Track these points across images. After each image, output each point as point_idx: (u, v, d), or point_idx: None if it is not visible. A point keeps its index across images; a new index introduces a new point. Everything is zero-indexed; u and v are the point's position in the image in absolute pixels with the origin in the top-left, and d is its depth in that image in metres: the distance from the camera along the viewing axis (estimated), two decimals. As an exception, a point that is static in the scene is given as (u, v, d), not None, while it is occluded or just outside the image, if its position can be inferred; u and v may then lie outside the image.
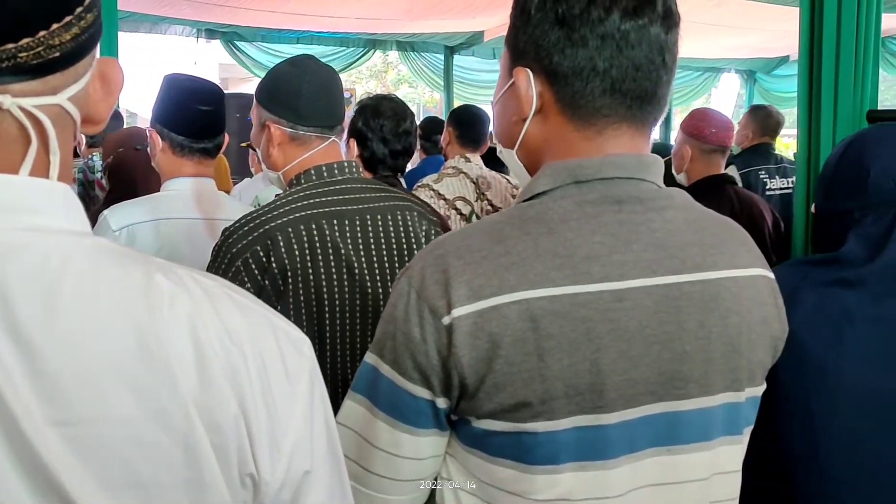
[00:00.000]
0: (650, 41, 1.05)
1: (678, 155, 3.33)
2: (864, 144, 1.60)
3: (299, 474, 0.82)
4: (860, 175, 1.55)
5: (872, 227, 1.52)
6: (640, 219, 1.07)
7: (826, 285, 1.48)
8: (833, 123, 2.14)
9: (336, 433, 0.89)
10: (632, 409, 1.05)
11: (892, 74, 12.24)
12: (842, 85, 2.08)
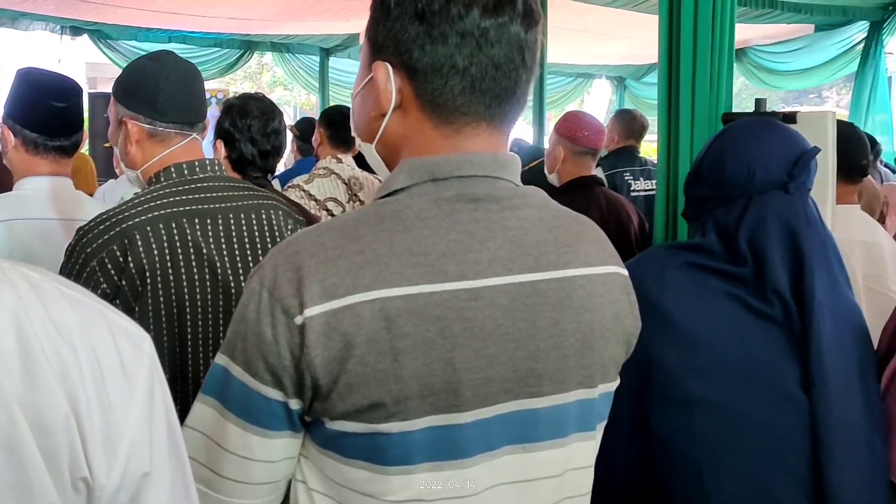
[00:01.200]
0: (510, 40, 1.05)
1: (551, 156, 3.39)
2: (725, 140, 1.69)
3: (137, 476, 0.79)
4: (718, 168, 1.64)
5: (725, 216, 1.60)
6: (495, 217, 1.07)
7: (691, 267, 1.55)
8: (691, 127, 2.22)
9: (180, 434, 0.86)
10: (487, 408, 1.05)
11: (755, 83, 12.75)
12: (699, 90, 2.16)
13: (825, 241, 1.58)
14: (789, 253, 1.53)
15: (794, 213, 1.56)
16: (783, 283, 1.50)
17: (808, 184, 1.61)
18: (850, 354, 1.52)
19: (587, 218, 1.20)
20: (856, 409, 1.49)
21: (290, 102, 24.21)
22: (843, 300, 1.56)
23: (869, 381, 1.55)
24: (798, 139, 1.64)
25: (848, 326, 1.55)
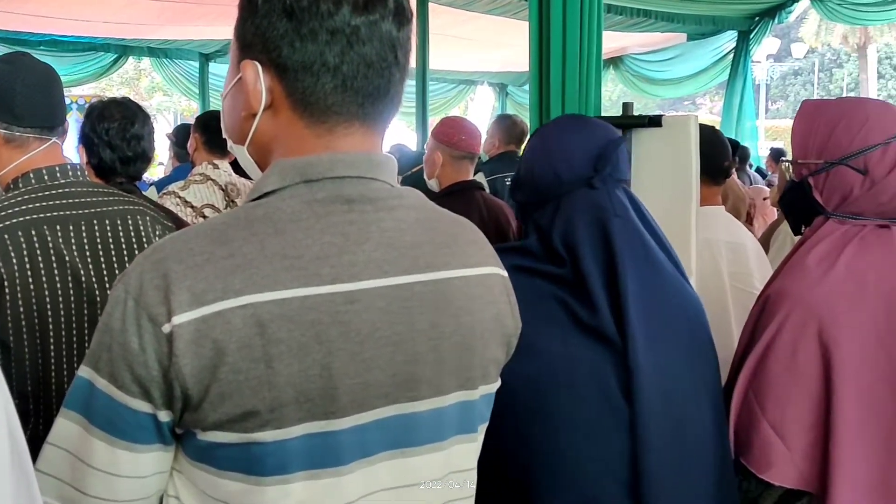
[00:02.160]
0: (381, 37, 1.04)
1: (429, 161, 3.40)
2: (535, 142, 1.72)
3: None
4: (529, 172, 1.66)
5: (541, 219, 1.61)
6: (370, 218, 1.05)
7: (517, 270, 1.56)
8: (562, 132, 2.26)
9: (25, 447, 0.81)
10: (365, 413, 1.03)
11: (633, 91, 13.10)
12: (568, 96, 2.21)
13: (639, 231, 1.57)
14: (601, 248, 1.53)
15: (601, 208, 1.55)
16: (596, 280, 1.50)
17: (618, 175, 1.61)
18: (677, 347, 1.52)
19: (465, 219, 1.20)
20: (683, 405, 1.50)
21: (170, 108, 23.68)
22: (668, 290, 1.56)
23: (702, 373, 1.56)
24: (604, 132, 1.64)
25: (676, 317, 1.55)
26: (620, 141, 1.61)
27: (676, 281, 1.58)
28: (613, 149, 1.59)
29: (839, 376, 1.52)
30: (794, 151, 1.73)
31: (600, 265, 1.51)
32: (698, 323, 1.59)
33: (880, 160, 1.62)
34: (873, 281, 1.59)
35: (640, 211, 1.61)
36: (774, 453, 1.54)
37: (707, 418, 1.53)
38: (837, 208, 1.67)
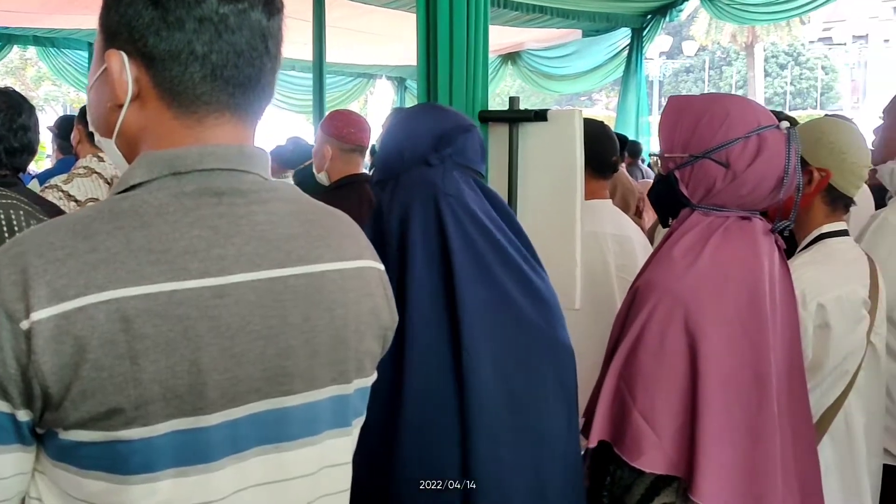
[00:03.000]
0: (251, 26, 1.03)
1: (318, 154, 3.38)
2: (387, 127, 1.75)
3: None
4: (381, 151, 1.70)
5: (383, 200, 1.64)
6: (241, 211, 1.04)
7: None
8: (450, 125, 2.29)
9: None
10: (235, 409, 1.02)
11: (532, 86, 13.24)
12: (455, 90, 2.24)
13: (471, 212, 1.57)
14: (433, 229, 1.54)
15: (432, 184, 1.56)
16: (418, 263, 1.51)
17: (463, 160, 1.61)
18: (515, 334, 1.54)
19: (341, 212, 1.20)
20: (524, 394, 1.53)
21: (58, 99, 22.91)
22: (503, 270, 1.56)
23: (549, 365, 1.58)
24: (455, 119, 1.66)
25: (511, 295, 1.56)
26: (470, 128, 1.62)
27: (521, 275, 1.59)
28: (458, 133, 1.61)
29: (705, 364, 1.58)
30: (662, 146, 1.79)
31: (432, 243, 1.52)
32: (543, 314, 1.60)
33: (741, 154, 1.69)
34: (736, 271, 1.66)
35: (493, 201, 1.62)
36: (645, 441, 1.59)
37: (557, 412, 1.57)
38: (702, 200, 1.73)
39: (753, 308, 1.64)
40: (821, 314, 2.09)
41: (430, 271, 1.51)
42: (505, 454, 1.47)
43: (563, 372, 1.60)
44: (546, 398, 1.55)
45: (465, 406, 1.44)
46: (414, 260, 1.51)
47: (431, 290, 1.50)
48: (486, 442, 1.44)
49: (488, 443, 1.45)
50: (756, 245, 1.71)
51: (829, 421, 2.11)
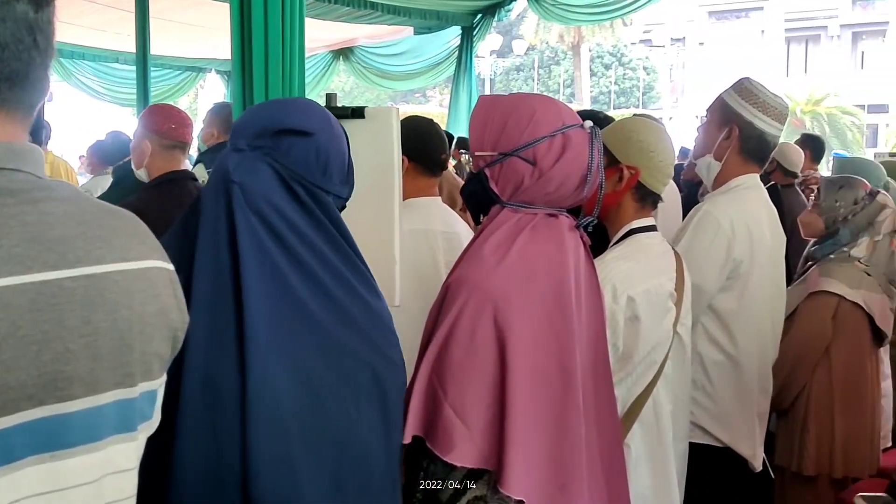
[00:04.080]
0: (16, 18, 0.98)
1: (137, 150, 3.24)
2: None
3: None
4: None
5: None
6: (11, 212, 0.99)
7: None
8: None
9: None
10: (6, 418, 0.96)
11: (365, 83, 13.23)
12: (272, 87, 2.21)
13: (264, 205, 1.50)
14: (223, 216, 1.48)
15: (224, 170, 1.51)
16: (204, 243, 1.47)
17: (281, 158, 1.54)
18: (309, 334, 1.49)
19: (127, 211, 1.16)
20: (322, 389, 1.49)
21: None
22: (288, 261, 1.50)
23: (358, 366, 1.55)
24: (295, 119, 1.58)
25: (302, 294, 1.50)
26: (306, 133, 1.56)
27: (324, 278, 1.53)
28: (288, 133, 1.55)
29: (513, 357, 1.61)
30: (472, 144, 1.82)
31: (217, 234, 1.47)
32: (363, 317, 1.57)
33: (547, 152, 1.73)
34: (543, 266, 1.70)
35: (326, 215, 1.57)
36: (456, 435, 1.60)
37: (369, 415, 1.54)
38: (511, 198, 1.77)
39: (559, 303, 1.69)
40: (631, 307, 2.18)
41: (215, 261, 1.46)
42: (297, 455, 1.44)
43: (379, 369, 1.58)
44: (357, 399, 1.53)
45: (246, 402, 1.39)
46: (199, 247, 1.47)
47: (215, 278, 1.46)
48: (270, 441, 1.41)
49: (273, 442, 1.41)
50: (562, 241, 1.76)
51: (639, 409, 2.21)
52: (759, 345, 2.78)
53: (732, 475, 2.76)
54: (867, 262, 3.27)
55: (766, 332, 2.82)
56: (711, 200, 2.80)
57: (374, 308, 1.61)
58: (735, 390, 2.71)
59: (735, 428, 2.72)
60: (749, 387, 2.74)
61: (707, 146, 2.83)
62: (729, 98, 2.79)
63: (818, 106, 33.24)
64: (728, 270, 2.65)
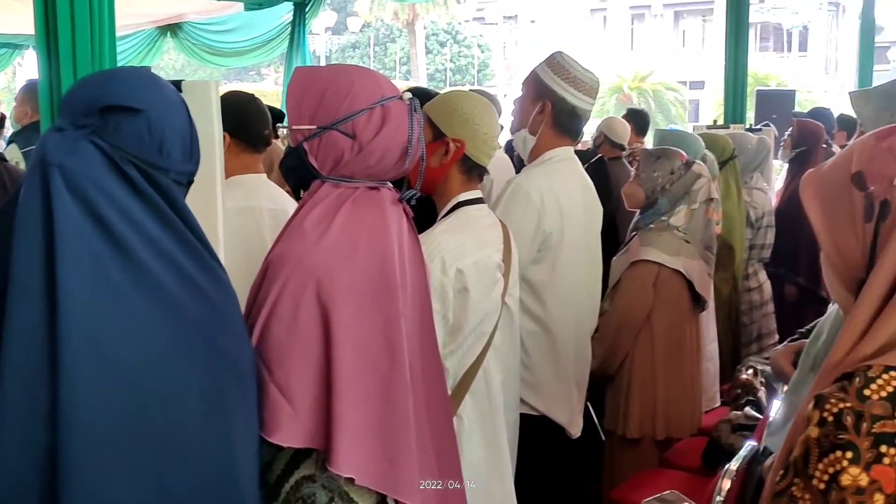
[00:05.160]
0: None
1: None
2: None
3: None
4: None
5: None
6: None
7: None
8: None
9: None
10: None
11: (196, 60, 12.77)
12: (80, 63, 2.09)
13: (85, 188, 1.38)
14: (37, 199, 1.36)
15: (41, 151, 1.38)
16: (21, 229, 1.35)
17: (110, 138, 1.43)
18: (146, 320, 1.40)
19: None
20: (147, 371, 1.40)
21: None
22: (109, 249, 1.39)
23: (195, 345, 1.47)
24: (124, 94, 1.46)
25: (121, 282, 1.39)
26: (137, 109, 1.44)
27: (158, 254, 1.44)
28: (116, 110, 1.44)
29: (337, 333, 1.58)
30: (290, 118, 1.77)
31: (31, 221, 1.35)
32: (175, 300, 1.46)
33: (366, 125, 1.70)
34: (366, 241, 1.68)
35: (166, 199, 1.46)
36: (282, 415, 1.57)
37: (203, 410, 1.45)
38: (331, 172, 1.73)
39: (383, 276, 1.68)
40: (460, 279, 2.19)
41: (29, 253, 1.33)
42: (113, 464, 1.35)
43: (216, 359, 1.49)
44: (187, 396, 1.43)
45: (58, 407, 1.29)
46: (16, 238, 1.33)
47: (28, 271, 1.34)
48: (83, 450, 1.31)
49: (87, 451, 1.32)
50: (385, 214, 1.74)
51: (470, 380, 2.23)
52: (575, 314, 2.87)
53: (552, 441, 2.84)
54: (685, 230, 3.41)
55: (581, 302, 2.91)
56: (524, 173, 2.87)
57: (220, 307, 1.51)
58: (550, 359, 2.79)
59: (551, 396, 2.80)
60: (564, 356, 2.83)
61: (522, 121, 2.88)
62: (542, 73, 2.85)
63: (644, 82, 34.56)
64: (539, 242, 2.71)
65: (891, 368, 1.12)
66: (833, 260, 1.29)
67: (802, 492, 1.12)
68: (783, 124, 6.58)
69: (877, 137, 1.27)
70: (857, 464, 1.08)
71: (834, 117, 6.81)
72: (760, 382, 3.42)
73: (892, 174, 1.22)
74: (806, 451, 1.14)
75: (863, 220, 1.24)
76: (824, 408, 1.13)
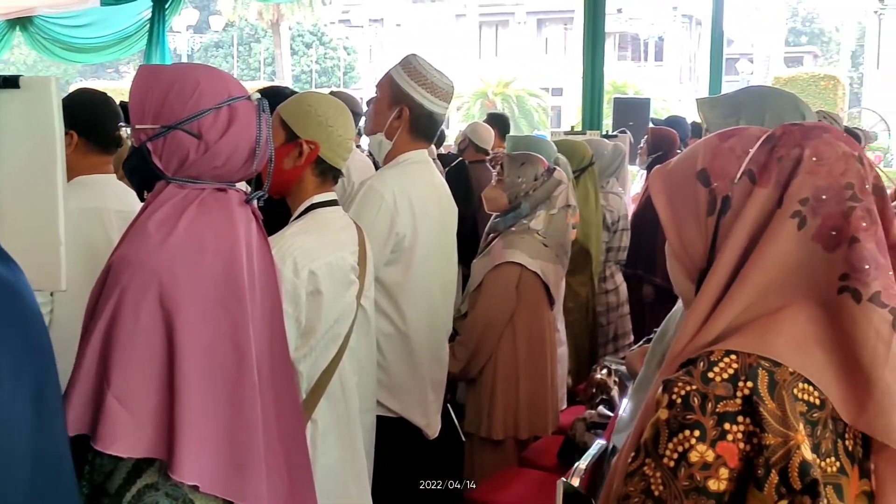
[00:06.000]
0: None
1: None
2: None
3: None
4: None
5: None
6: None
7: None
8: None
9: None
10: None
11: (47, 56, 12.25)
12: None
13: None
14: None
15: None
16: None
17: None
18: None
19: None
20: None
21: None
22: None
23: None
24: None
25: None
26: None
27: None
28: None
29: (182, 338, 1.54)
30: (132, 117, 1.72)
31: None
32: None
33: (212, 125, 1.67)
34: (212, 243, 1.64)
35: None
36: (120, 425, 1.51)
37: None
38: (177, 173, 1.69)
39: (231, 279, 1.64)
40: (313, 281, 2.17)
41: None
42: None
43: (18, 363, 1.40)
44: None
45: None
46: None
47: None
48: None
49: None
50: (232, 216, 1.70)
51: (325, 383, 2.21)
52: (429, 316, 2.88)
53: (411, 443, 2.85)
54: (544, 234, 3.48)
55: (436, 303, 2.92)
56: (378, 175, 2.87)
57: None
58: (406, 361, 2.79)
59: (407, 398, 2.81)
60: (420, 357, 2.83)
61: (379, 124, 2.87)
62: (398, 77, 2.83)
63: (507, 88, 35.20)
64: (392, 244, 2.71)
65: (731, 353, 1.19)
66: (677, 251, 1.36)
67: (653, 470, 1.18)
68: (639, 131, 6.80)
69: (720, 138, 1.34)
70: (704, 441, 1.15)
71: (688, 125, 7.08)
72: (614, 381, 3.51)
73: (733, 172, 1.28)
74: (656, 433, 1.19)
75: (706, 214, 1.30)
76: (672, 391, 1.19)
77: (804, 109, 2.03)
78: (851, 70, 40.72)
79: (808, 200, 1.21)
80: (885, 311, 1.16)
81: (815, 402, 1.16)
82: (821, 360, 1.18)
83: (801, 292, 1.22)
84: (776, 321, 1.21)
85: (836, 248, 1.19)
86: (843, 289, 1.18)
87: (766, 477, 1.12)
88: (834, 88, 30.07)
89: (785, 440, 1.12)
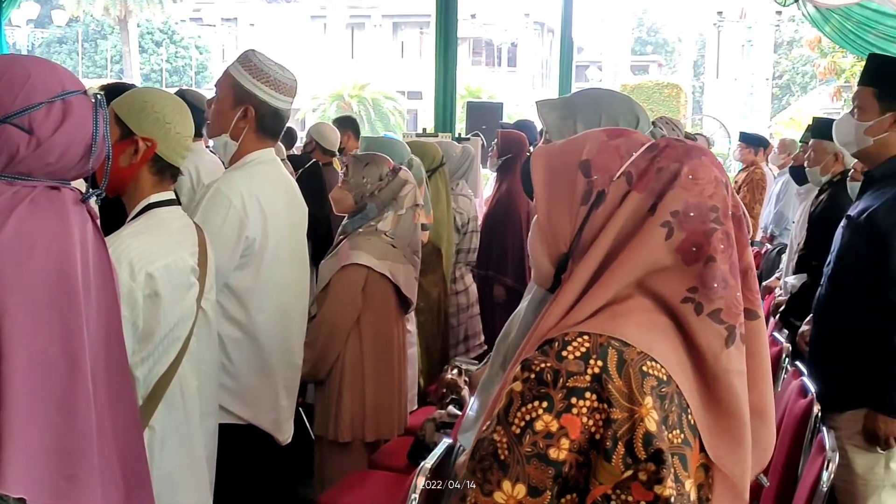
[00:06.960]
0: None
1: None
2: None
3: None
4: None
5: None
6: None
7: None
8: None
9: None
10: None
11: None
12: None
13: None
14: None
15: None
16: None
17: None
18: None
19: None
20: None
21: None
22: None
23: None
24: None
25: None
26: None
27: None
28: None
29: (8, 343, 1.46)
30: None
31: None
32: None
33: (45, 119, 1.60)
34: (44, 243, 1.57)
35: None
36: None
37: None
38: (6, 170, 1.60)
39: (63, 281, 1.57)
40: (150, 283, 2.11)
41: None
42: None
43: None
44: None
45: None
46: None
47: None
48: None
49: None
50: (66, 216, 1.63)
51: (164, 388, 2.15)
52: (281, 319, 2.83)
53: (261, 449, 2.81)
54: (392, 235, 3.49)
55: (288, 306, 2.88)
56: (224, 177, 2.80)
57: None
58: (255, 366, 2.74)
59: (257, 403, 2.76)
60: (272, 362, 2.79)
61: (223, 126, 2.78)
62: (239, 76, 2.75)
63: (363, 90, 35.15)
64: (242, 248, 2.65)
65: (584, 333, 1.27)
66: (544, 229, 1.42)
67: (501, 436, 1.24)
68: (492, 135, 6.93)
69: (608, 135, 1.42)
70: (550, 412, 1.22)
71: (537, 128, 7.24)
72: (465, 381, 3.56)
73: (613, 170, 1.36)
74: (509, 402, 1.26)
75: (580, 202, 1.37)
76: (529, 368, 1.26)
77: (639, 112, 2.12)
78: (693, 79, 42.61)
79: (678, 213, 1.30)
80: (722, 327, 1.28)
81: (662, 377, 1.25)
82: (665, 346, 1.28)
83: (651, 291, 1.31)
84: (626, 309, 1.30)
85: (694, 263, 1.29)
86: (688, 299, 1.29)
87: (613, 449, 1.20)
88: (677, 96, 31.55)
89: (630, 414, 1.20)
